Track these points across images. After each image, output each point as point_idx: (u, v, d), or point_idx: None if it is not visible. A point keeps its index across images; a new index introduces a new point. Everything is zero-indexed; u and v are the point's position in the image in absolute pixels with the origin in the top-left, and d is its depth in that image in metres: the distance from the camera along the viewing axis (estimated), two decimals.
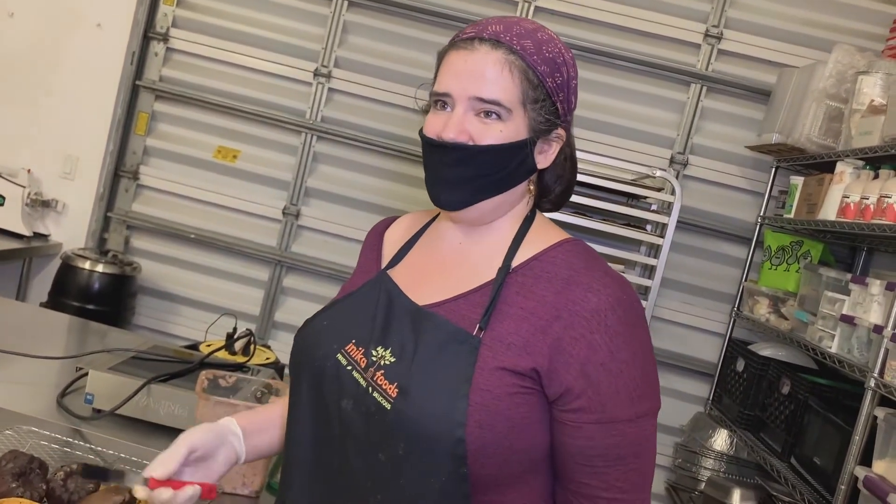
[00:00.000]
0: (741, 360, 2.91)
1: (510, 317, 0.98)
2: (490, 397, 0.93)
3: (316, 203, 3.52)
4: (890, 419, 1.86)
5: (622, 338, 0.95)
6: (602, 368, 0.94)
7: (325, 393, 1.03)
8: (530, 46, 0.99)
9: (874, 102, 2.37)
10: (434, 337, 0.98)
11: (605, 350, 0.94)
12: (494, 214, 1.05)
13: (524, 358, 0.95)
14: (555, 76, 1.01)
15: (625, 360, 0.95)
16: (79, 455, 1.42)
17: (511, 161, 1.00)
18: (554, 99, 1.01)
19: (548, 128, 1.02)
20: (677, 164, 3.32)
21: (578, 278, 0.98)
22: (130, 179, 3.56)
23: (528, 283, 1.00)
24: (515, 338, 0.96)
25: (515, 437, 0.95)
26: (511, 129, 0.99)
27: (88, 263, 3.20)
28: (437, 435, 0.92)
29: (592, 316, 0.95)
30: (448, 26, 3.38)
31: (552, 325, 0.96)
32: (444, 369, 0.95)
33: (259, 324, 3.50)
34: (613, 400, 0.94)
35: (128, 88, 3.48)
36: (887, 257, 3.00)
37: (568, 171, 1.10)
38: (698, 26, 3.28)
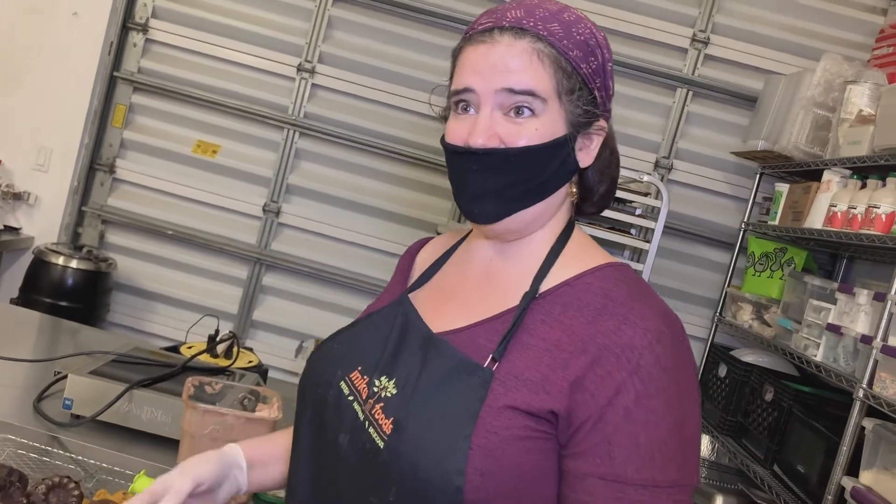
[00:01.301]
0: (723, 366, 2.92)
1: (530, 348, 0.84)
2: (496, 440, 0.79)
3: (297, 200, 3.46)
4: (878, 430, 1.86)
5: (656, 383, 0.79)
6: (623, 413, 0.78)
7: (326, 424, 0.92)
8: (558, 30, 0.85)
9: (863, 112, 2.38)
10: (439, 367, 0.86)
11: (630, 393, 0.78)
12: (535, 224, 0.91)
13: (540, 397, 0.80)
14: (589, 60, 0.87)
15: (653, 410, 0.78)
16: (58, 465, 1.37)
17: (551, 162, 0.86)
18: (591, 86, 0.88)
19: (588, 120, 0.88)
20: (662, 168, 3.32)
21: (614, 308, 0.83)
22: (106, 173, 3.47)
23: (556, 311, 0.86)
24: (533, 373, 0.82)
25: (523, 490, 0.81)
26: (547, 125, 0.85)
27: (62, 259, 3.11)
28: (431, 481, 0.79)
29: (623, 351, 0.80)
30: (435, 24, 3.34)
31: (576, 359, 0.81)
32: (445, 405, 0.82)
33: (237, 323, 3.44)
34: (627, 454, 0.78)
35: (105, 79, 3.40)
36: (868, 265, 3.02)
37: (613, 166, 0.96)
38: (685, 31, 3.28)
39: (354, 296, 3.44)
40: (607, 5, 3.27)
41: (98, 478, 1.35)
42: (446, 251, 1.05)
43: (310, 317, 3.46)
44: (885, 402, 1.83)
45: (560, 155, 0.87)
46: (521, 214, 0.88)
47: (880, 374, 1.90)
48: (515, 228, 0.90)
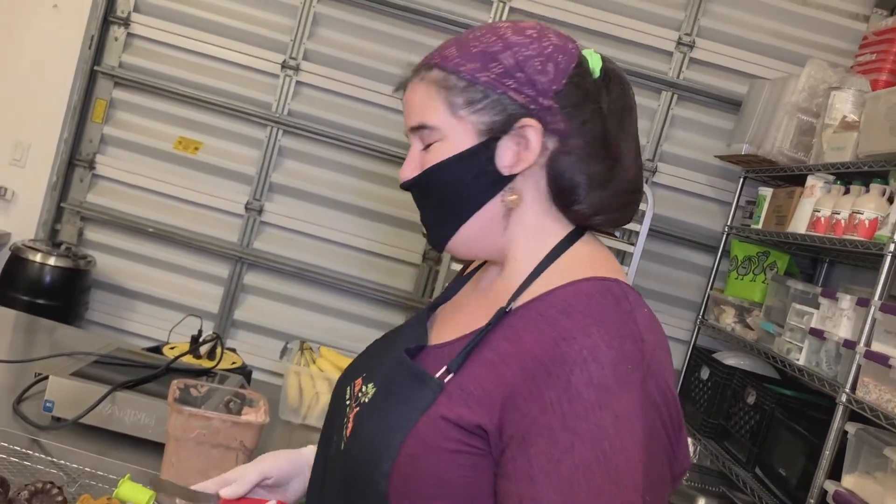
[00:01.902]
0: (706, 369, 2.93)
1: (485, 363, 0.81)
2: (424, 450, 0.78)
3: (280, 199, 3.43)
4: (861, 434, 1.88)
5: (584, 404, 0.73)
6: (546, 434, 0.73)
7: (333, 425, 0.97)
8: (453, 52, 0.88)
9: (847, 118, 2.40)
10: (399, 376, 0.87)
11: (556, 413, 0.73)
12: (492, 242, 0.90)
13: (474, 410, 0.78)
14: (490, 67, 0.86)
15: (579, 433, 0.72)
16: (39, 469, 1.34)
17: (463, 176, 0.86)
18: (500, 90, 0.85)
19: (506, 125, 0.86)
20: (646, 171, 3.33)
21: (561, 322, 0.78)
22: (86, 169, 3.41)
23: (519, 325, 0.82)
24: (478, 387, 0.79)
25: (447, 502, 0.79)
26: (451, 144, 0.87)
27: (39, 256, 3.06)
28: (364, 482, 0.82)
29: (554, 367, 0.75)
30: (420, 23, 3.33)
31: (513, 373, 0.77)
32: (393, 413, 0.83)
33: (218, 322, 3.40)
34: (547, 477, 0.72)
35: (85, 74, 3.34)
36: (848, 269, 3.05)
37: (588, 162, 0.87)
38: (671, 34, 3.29)
39: (337, 295, 3.42)
40: (594, 7, 3.28)
41: (81, 482, 1.32)
42: (478, 265, 1.05)
43: (292, 316, 3.43)
44: (868, 407, 1.85)
45: (471, 167, 0.86)
46: (462, 236, 0.89)
47: (863, 379, 1.92)
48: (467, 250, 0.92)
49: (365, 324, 3.41)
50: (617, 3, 3.28)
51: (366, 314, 3.41)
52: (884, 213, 2.10)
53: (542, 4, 3.28)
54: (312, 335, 3.31)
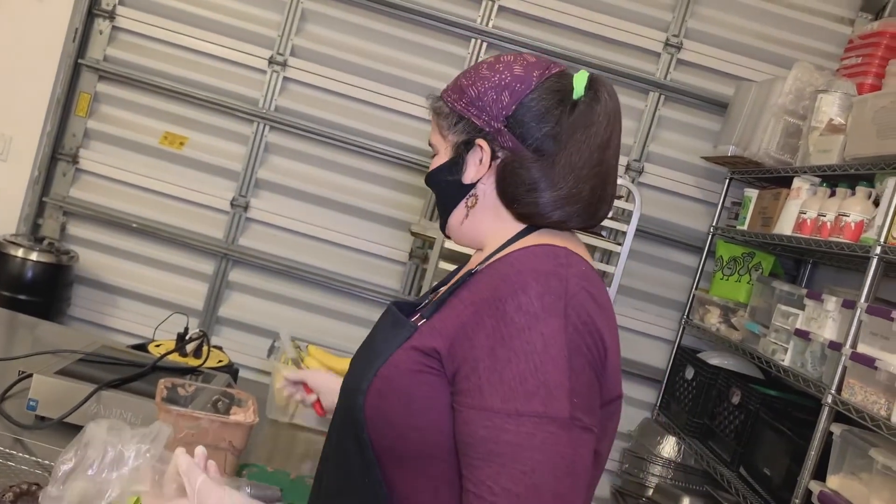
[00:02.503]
0: (690, 368, 2.95)
1: (451, 308, 1.00)
2: (395, 371, 0.98)
3: (266, 195, 3.41)
4: (846, 435, 1.90)
5: (516, 326, 0.91)
6: (489, 353, 0.91)
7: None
8: (450, 85, 1.12)
9: (833, 121, 2.42)
10: (381, 325, 1.11)
11: (496, 335, 0.91)
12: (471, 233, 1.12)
13: (433, 339, 0.97)
14: (462, 97, 1.08)
15: (513, 350, 0.90)
16: (23, 469, 1.32)
17: (442, 180, 1.11)
18: (466, 115, 1.07)
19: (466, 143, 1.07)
20: (633, 171, 3.34)
21: (504, 269, 0.98)
22: (69, 163, 3.37)
23: (478, 278, 1.02)
24: (440, 324, 0.99)
25: (413, 414, 0.96)
26: (440, 157, 1.12)
27: (21, 251, 3.02)
28: (349, 403, 1.02)
29: (493, 301, 0.94)
30: (408, 20, 3.31)
31: (465, 310, 0.97)
32: (373, 349, 1.05)
33: (202, 319, 3.37)
34: (493, 388, 0.90)
35: (69, 67, 3.30)
36: (831, 271, 3.08)
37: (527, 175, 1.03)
38: (659, 35, 3.30)
39: (323, 293, 3.40)
40: (582, 7, 3.28)
41: None
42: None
43: (277, 314, 3.41)
44: (853, 408, 1.87)
45: (446, 174, 1.10)
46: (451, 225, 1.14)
47: (849, 381, 1.94)
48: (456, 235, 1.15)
49: (351, 321, 3.40)
50: (605, 4, 3.29)
51: (352, 312, 3.40)
52: (869, 216, 2.11)
53: (531, 4, 3.28)
54: (298, 332, 3.29)
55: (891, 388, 1.75)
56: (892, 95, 2.09)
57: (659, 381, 3.29)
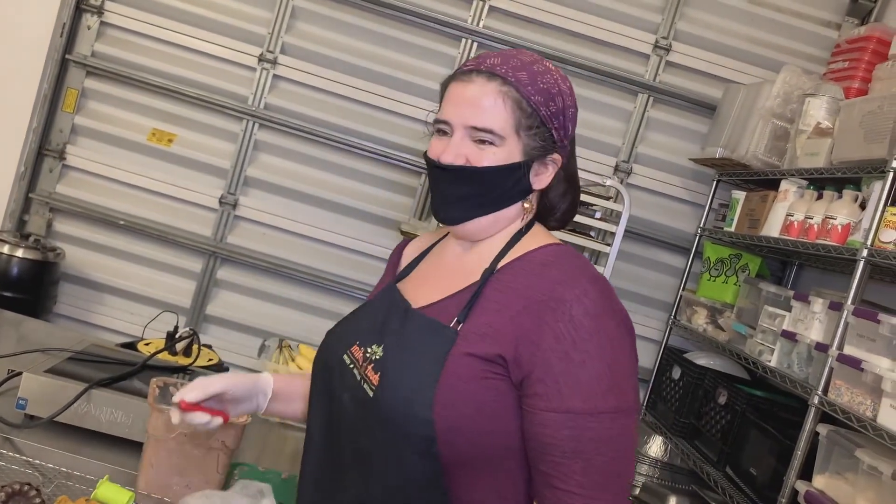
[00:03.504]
0: (677, 368, 2.97)
1: (487, 311, 1.04)
2: (457, 380, 0.99)
3: (255, 193, 3.40)
4: (832, 436, 1.92)
5: (586, 329, 0.97)
6: (563, 357, 0.96)
7: (333, 390, 1.13)
8: (525, 78, 1.07)
9: (821, 125, 2.44)
10: (414, 330, 1.08)
11: (567, 339, 0.97)
12: (492, 230, 1.13)
13: (493, 345, 1.00)
14: (549, 105, 1.08)
15: (587, 352, 0.96)
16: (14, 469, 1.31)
17: (506, 182, 1.08)
18: (549, 126, 1.08)
19: (542, 153, 1.09)
20: (621, 172, 3.35)
21: (549, 272, 1.03)
22: (55, 159, 3.34)
23: (508, 279, 1.06)
24: (488, 329, 1.02)
25: (483, 420, 0.99)
26: (504, 153, 1.07)
27: (7, 247, 2.99)
28: (407, 416, 0.99)
29: (558, 305, 0.98)
30: (399, 19, 3.31)
31: (521, 314, 1.00)
32: (418, 357, 1.03)
33: (190, 317, 3.35)
34: (572, 390, 0.96)
35: (56, 62, 3.27)
36: (817, 272, 3.11)
37: (570, 190, 1.18)
38: (648, 37, 3.31)
39: (311, 292, 3.39)
40: (572, 8, 3.29)
41: (57, 483, 1.30)
42: (427, 248, 1.27)
43: (265, 312, 3.40)
44: (839, 409, 1.89)
45: (514, 176, 1.08)
46: (478, 221, 1.10)
47: (835, 382, 1.96)
48: (474, 231, 1.12)
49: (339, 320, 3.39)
50: (595, 5, 3.30)
51: (340, 310, 3.39)
52: (856, 219, 2.14)
53: (522, 4, 3.29)
54: (286, 331, 3.29)
55: (876, 390, 1.77)
56: (880, 100, 2.11)
57: (646, 381, 3.31)
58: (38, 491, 1.11)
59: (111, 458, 1.45)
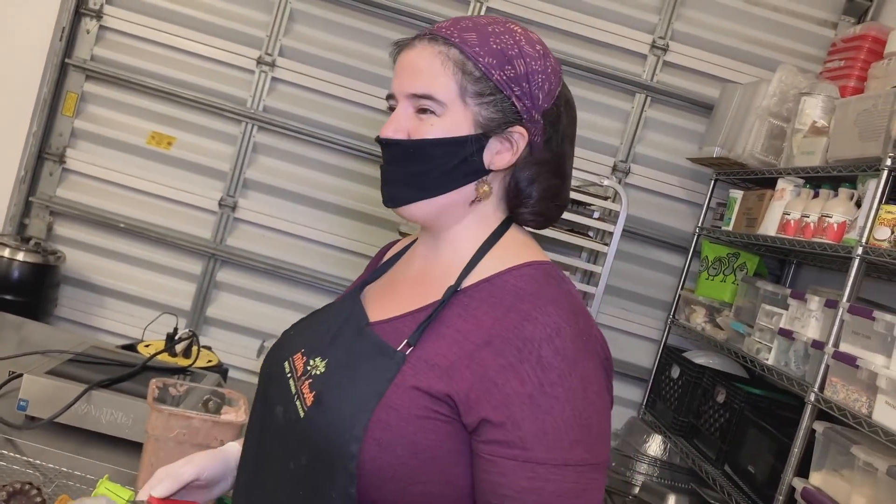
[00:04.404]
0: (676, 367, 2.98)
1: (443, 338, 0.91)
2: (395, 416, 0.86)
3: (254, 195, 3.41)
4: (829, 433, 1.93)
5: (557, 371, 0.85)
6: (528, 401, 0.84)
7: (269, 398, 1.02)
8: (473, 39, 0.93)
9: (816, 124, 2.45)
10: (360, 349, 0.95)
11: (534, 382, 0.85)
12: (446, 219, 0.99)
13: (442, 381, 0.87)
14: (505, 68, 0.93)
15: (555, 397, 0.85)
16: (14, 469, 1.32)
17: (450, 158, 0.94)
18: (506, 93, 0.93)
19: (501, 126, 0.94)
20: (619, 172, 3.36)
21: (519, 305, 0.89)
22: (55, 163, 3.36)
23: (472, 305, 0.93)
24: (441, 360, 0.89)
25: (419, 466, 0.87)
26: (447, 124, 0.93)
27: (7, 251, 3.00)
28: (333, 447, 0.87)
29: (524, 345, 0.86)
30: (397, 20, 3.32)
31: (481, 350, 0.87)
32: (358, 382, 0.90)
33: (190, 319, 3.37)
34: (536, 438, 0.84)
35: (55, 66, 3.28)
36: (815, 271, 3.12)
37: (543, 173, 0.99)
38: (645, 37, 3.33)
39: (311, 293, 3.40)
40: (569, 9, 3.30)
41: (58, 483, 1.31)
42: (402, 249, 1.16)
43: (265, 314, 3.41)
44: (835, 406, 1.90)
45: (460, 153, 0.93)
46: (425, 204, 0.96)
47: (832, 379, 1.97)
48: (421, 217, 0.98)
49: None
50: (592, 6, 3.31)
51: None
52: (852, 217, 2.15)
53: (518, 5, 3.30)
54: None
55: (872, 387, 1.78)
56: (874, 98, 2.12)
57: (645, 381, 3.32)
58: (38, 490, 1.12)
59: (112, 458, 1.47)
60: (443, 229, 1.00)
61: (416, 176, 0.95)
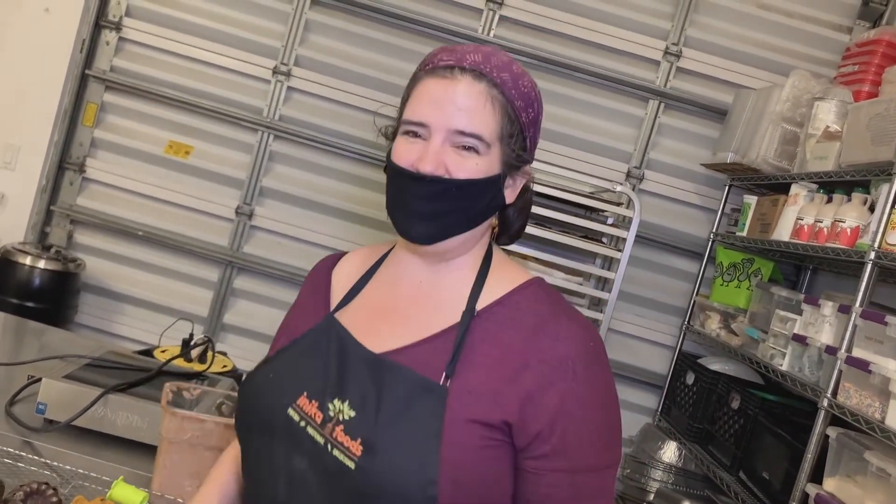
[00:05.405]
0: (691, 374, 2.97)
1: (477, 365, 0.93)
2: (461, 452, 0.89)
3: (270, 203, 3.45)
4: (842, 438, 1.92)
5: (588, 385, 0.93)
6: (568, 417, 0.91)
7: (276, 451, 0.96)
8: (509, 80, 0.96)
9: (830, 129, 2.44)
10: (399, 388, 0.93)
11: (572, 398, 0.92)
12: (461, 249, 1.01)
13: (495, 410, 0.91)
14: (528, 111, 0.98)
15: (591, 409, 0.93)
16: (32, 471, 1.35)
17: (485, 196, 0.97)
18: (525, 134, 0.99)
19: (518, 163, 1.00)
20: (633, 178, 3.36)
21: (546, 327, 0.95)
22: (76, 172, 3.42)
23: (493, 329, 0.96)
24: (484, 388, 0.92)
25: (485, 494, 0.91)
26: (486, 163, 0.95)
27: (29, 259, 3.06)
28: (408, 494, 0.87)
29: (560, 364, 0.92)
30: (411, 30, 3.35)
31: (521, 374, 0.92)
32: (412, 423, 0.90)
33: (208, 326, 3.40)
34: (578, 448, 0.92)
35: (76, 77, 3.35)
36: (831, 276, 3.10)
37: (526, 205, 1.08)
38: (658, 43, 3.33)
39: None
40: (583, 16, 3.31)
41: (74, 484, 1.33)
42: (368, 269, 1.10)
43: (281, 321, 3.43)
44: (848, 412, 1.89)
45: (492, 190, 0.97)
46: (452, 239, 0.98)
47: (844, 384, 1.96)
48: (444, 251, 1.00)
49: None
50: (606, 13, 3.32)
51: None
52: (865, 222, 2.14)
53: (532, 14, 3.32)
54: None
55: (884, 392, 1.77)
56: (886, 103, 2.12)
57: (660, 387, 3.31)
58: (55, 490, 1.14)
59: (127, 460, 1.49)
60: (452, 257, 1.02)
61: (454, 213, 0.96)
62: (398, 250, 1.08)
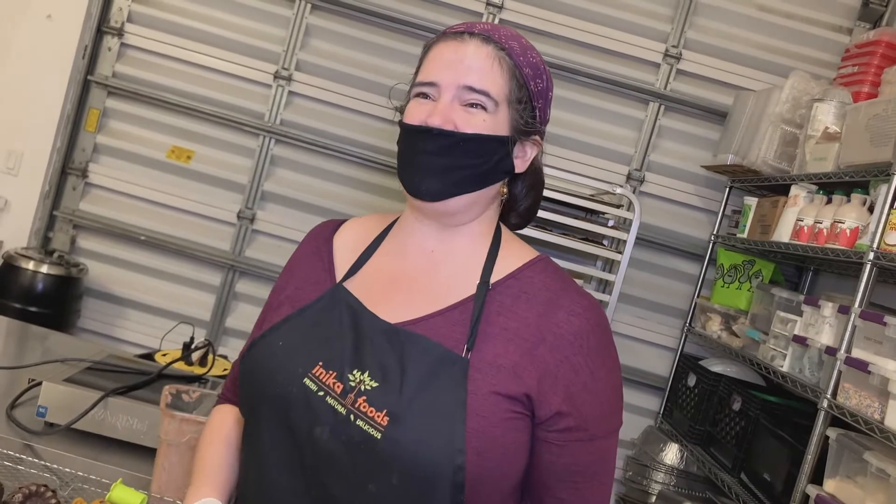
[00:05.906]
0: (692, 376, 2.97)
1: (493, 337, 0.96)
2: (485, 423, 0.91)
3: (272, 207, 3.46)
4: (842, 439, 1.92)
5: (600, 358, 0.98)
6: (585, 389, 0.96)
7: (293, 422, 0.95)
8: (517, 48, 1.01)
9: (829, 130, 2.44)
10: (422, 360, 0.93)
11: (586, 371, 0.96)
12: (468, 214, 1.03)
13: (516, 382, 0.94)
14: (536, 81, 1.02)
15: (602, 379, 0.97)
16: (32, 473, 1.36)
17: (492, 155, 0.99)
18: (535, 103, 1.02)
19: (527, 130, 1.02)
20: (634, 180, 3.37)
21: (559, 301, 0.98)
22: (78, 177, 3.43)
23: (508, 302, 0.99)
24: (503, 360, 0.95)
25: (507, 463, 0.94)
26: (493, 122, 0.98)
27: (32, 264, 3.07)
28: (436, 463, 0.88)
29: (575, 339, 0.96)
30: (412, 34, 3.36)
31: (538, 347, 0.95)
32: (437, 394, 0.91)
33: (210, 330, 3.42)
34: (595, 418, 0.97)
35: (78, 83, 3.37)
36: (833, 278, 3.10)
37: (537, 183, 1.11)
38: (658, 46, 3.34)
39: None
40: (583, 20, 3.32)
41: (74, 486, 1.34)
42: (375, 238, 1.10)
43: None
44: (848, 413, 1.89)
45: (500, 151, 0.99)
46: (460, 199, 0.99)
47: (844, 385, 1.96)
48: (453, 212, 1.01)
49: None
50: (605, 16, 3.33)
51: None
52: (864, 223, 2.14)
53: (532, 17, 3.33)
54: None
55: (884, 392, 1.77)
56: (885, 103, 2.12)
57: (662, 389, 3.31)
58: (53, 493, 1.15)
59: (127, 463, 1.50)
60: (461, 223, 1.03)
61: (462, 169, 0.97)
62: (406, 218, 1.08)
